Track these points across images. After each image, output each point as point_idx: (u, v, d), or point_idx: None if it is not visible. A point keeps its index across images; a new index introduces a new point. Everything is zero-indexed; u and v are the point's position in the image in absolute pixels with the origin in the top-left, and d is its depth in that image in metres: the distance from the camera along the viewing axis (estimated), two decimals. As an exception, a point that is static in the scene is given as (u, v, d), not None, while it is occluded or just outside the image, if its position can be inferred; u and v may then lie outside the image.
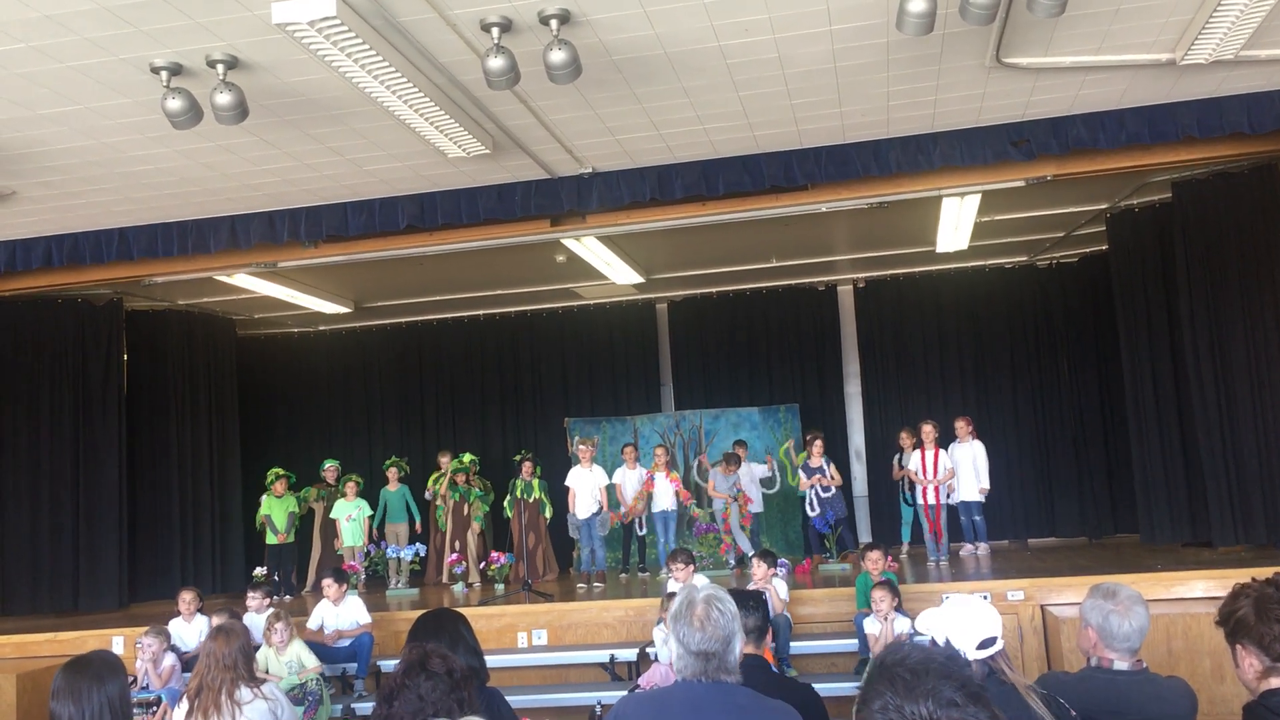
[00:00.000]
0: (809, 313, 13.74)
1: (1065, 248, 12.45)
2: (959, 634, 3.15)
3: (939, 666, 1.89)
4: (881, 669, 1.93)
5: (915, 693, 1.82)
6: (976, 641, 3.14)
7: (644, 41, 6.05)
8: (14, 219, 8.61)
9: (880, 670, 1.93)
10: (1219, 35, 6.30)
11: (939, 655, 1.96)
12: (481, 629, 4.93)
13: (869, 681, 1.93)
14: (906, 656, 1.93)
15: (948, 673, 1.87)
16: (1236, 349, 9.41)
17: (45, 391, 11.34)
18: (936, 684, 1.83)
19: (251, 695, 4.71)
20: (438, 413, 14.50)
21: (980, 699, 1.85)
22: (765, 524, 12.13)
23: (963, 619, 3.19)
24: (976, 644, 3.14)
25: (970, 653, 3.12)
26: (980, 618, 3.19)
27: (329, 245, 9.50)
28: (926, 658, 1.92)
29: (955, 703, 1.80)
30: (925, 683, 1.84)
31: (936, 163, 8.03)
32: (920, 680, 1.84)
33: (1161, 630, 7.28)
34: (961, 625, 3.17)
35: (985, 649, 3.15)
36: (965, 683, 1.86)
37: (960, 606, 3.25)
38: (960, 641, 3.14)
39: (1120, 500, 12.10)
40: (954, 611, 3.22)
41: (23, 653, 9.22)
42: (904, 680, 1.85)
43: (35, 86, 6.13)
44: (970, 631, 3.16)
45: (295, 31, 5.21)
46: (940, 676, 1.85)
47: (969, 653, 3.12)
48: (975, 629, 3.16)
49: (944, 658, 1.95)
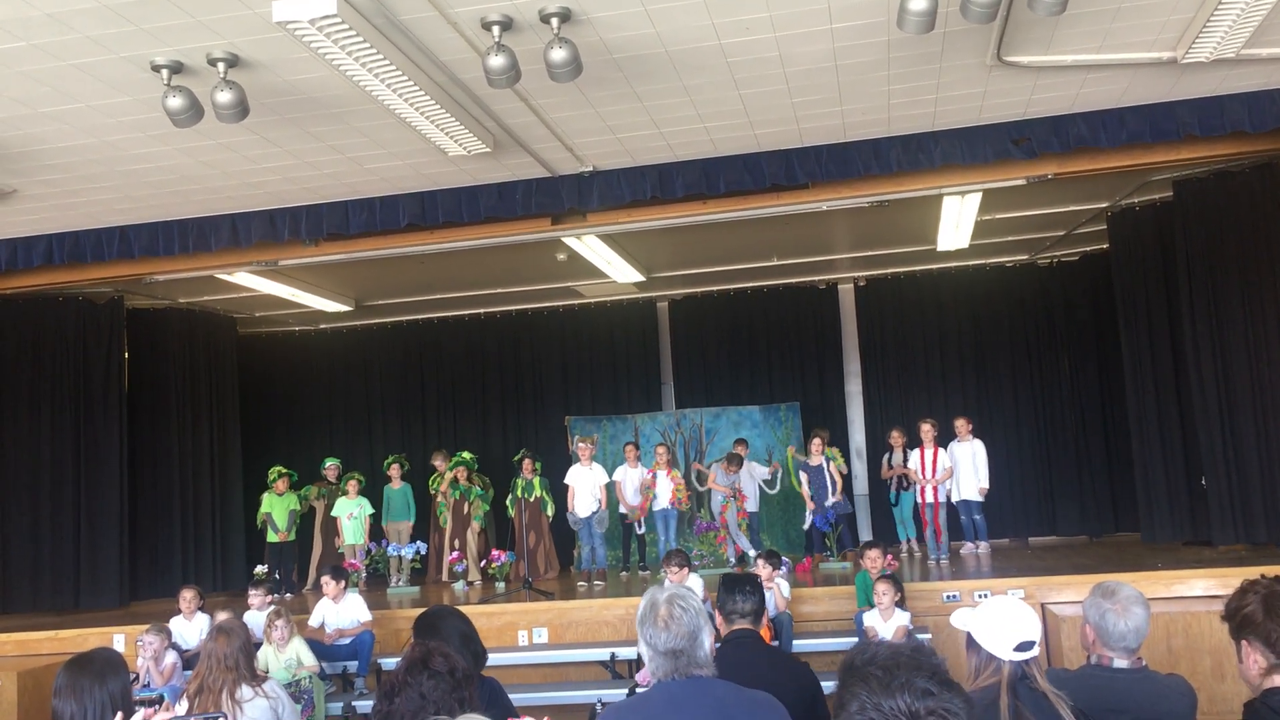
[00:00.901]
0: (810, 311, 13.74)
1: (1066, 246, 12.44)
2: (997, 635, 3.07)
3: (908, 659, 1.90)
4: (852, 670, 1.94)
5: (890, 688, 1.84)
6: (1015, 643, 3.05)
7: (645, 40, 6.05)
8: (15, 217, 8.61)
9: (852, 672, 1.94)
10: (1220, 34, 6.30)
11: (905, 649, 1.97)
12: (482, 627, 4.93)
13: (843, 685, 1.94)
14: (875, 655, 1.94)
15: (918, 664, 1.89)
16: (1237, 348, 9.41)
17: (46, 390, 11.35)
18: (909, 676, 1.84)
19: (252, 693, 4.73)
20: (439, 411, 14.50)
21: (953, 685, 1.87)
22: (766, 522, 12.14)
23: (1002, 620, 3.10)
24: (1014, 646, 3.04)
25: (1007, 654, 3.04)
26: (1020, 619, 3.09)
27: (330, 243, 9.49)
28: (894, 652, 1.94)
29: (930, 692, 1.82)
30: (898, 677, 1.85)
31: (937, 161, 8.03)
32: (893, 675, 1.86)
33: (1162, 628, 7.29)
34: (1001, 626, 3.09)
35: (1023, 652, 3.05)
36: (935, 671, 1.88)
37: (999, 606, 3.16)
38: (997, 643, 3.06)
39: (1121, 499, 12.10)
40: (993, 611, 3.14)
41: (24, 650, 9.23)
42: (877, 678, 1.86)
43: (36, 84, 6.13)
44: (1009, 633, 3.06)
45: (296, 29, 5.21)
46: (911, 669, 1.87)
47: (1005, 654, 3.04)
48: (1014, 631, 3.06)
49: (910, 650, 1.97)
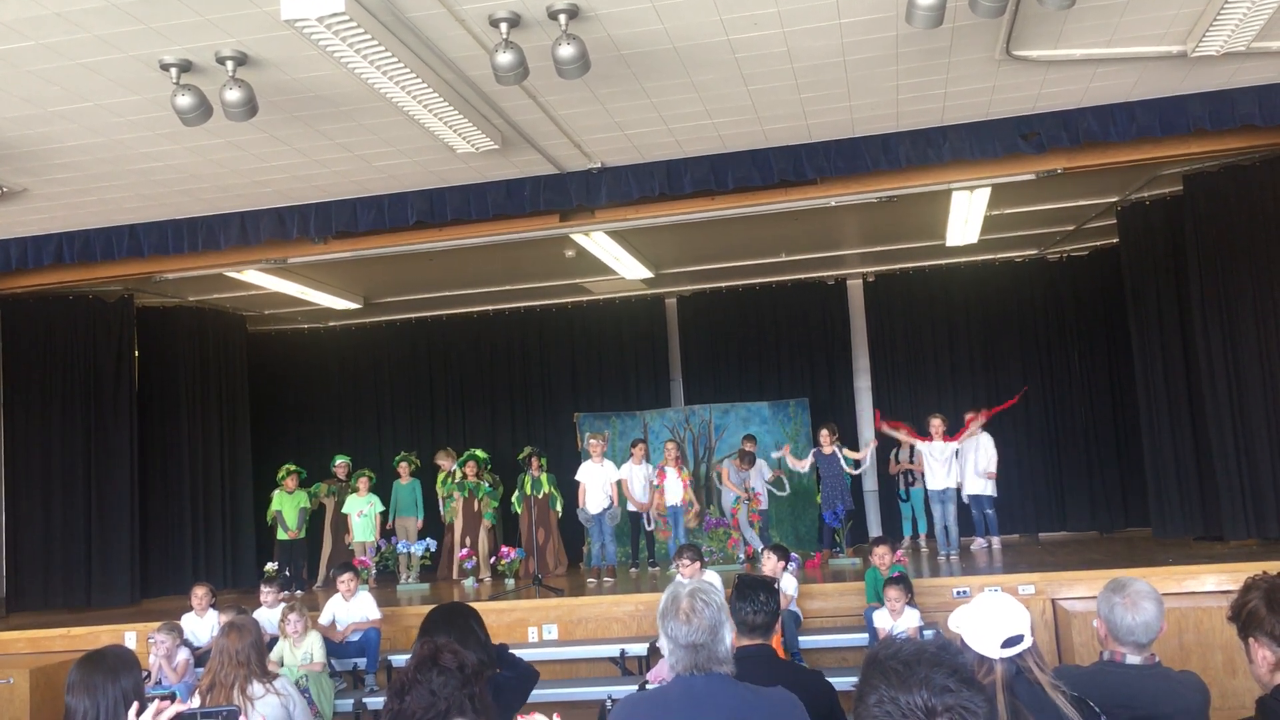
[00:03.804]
0: (818, 307, 13.72)
1: (1076, 241, 12.41)
2: (982, 634, 3.00)
3: (930, 656, 1.90)
4: (874, 664, 1.94)
5: (909, 683, 1.83)
6: (1000, 640, 2.97)
7: (652, 36, 6.04)
8: (25, 216, 8.64)
9: (873, 665, 1.94)
10: (1230, 27, 6.27)
11: (930, 645, 1.97)
12: (492, 624, 4.94)
13: (863, 678, 1.95)
14: (899, 650, 1.94)
15: (939, 661, 1.88)
16: (1248, 342, 9.37)
17: (57, 388, 11.40)
18: (929, 673, 1.84)
19: (264, 690, 4.74)
20: (447, 408, 14.53)
21: (974, 683, 1.86)
22: (775, 518, 12.14)
23: (984, 617, 3.02)
24: (1000, 643, 2.97)
25: (995, 652, 2.96)
26: (1003, 615, 3.00)
27: (339, 241, 9.50)
28: (918, 649, 1.93)
29: (949, 688, 1.82)
30: (918, 672, 1.85)
31: (946, 156, 8.01)
32: (913, 670, 1.85)
33: (1173, 624, 7.27)
34: (984, 624, 3.01)
35: (1011, 647, 2.97)
36: (958, 669, 1.87)
37: (981, 604, 3.07)
38: (983, 642, 2.99)
39: (1131, 494, 12.08)
40: (975, 610, 3.06)
41: (36, 648, 9.28)
42: (897, 672, 1.87)
43: (46, 84, 6.15)
44: (992, 630, 2.99)
45: (304, 28, 5.21)
46: (932, 665, 1.86)
47: (993, 652, 2.96)
48: (998, 627, 2.99)
49: (935, 647, 1.96)
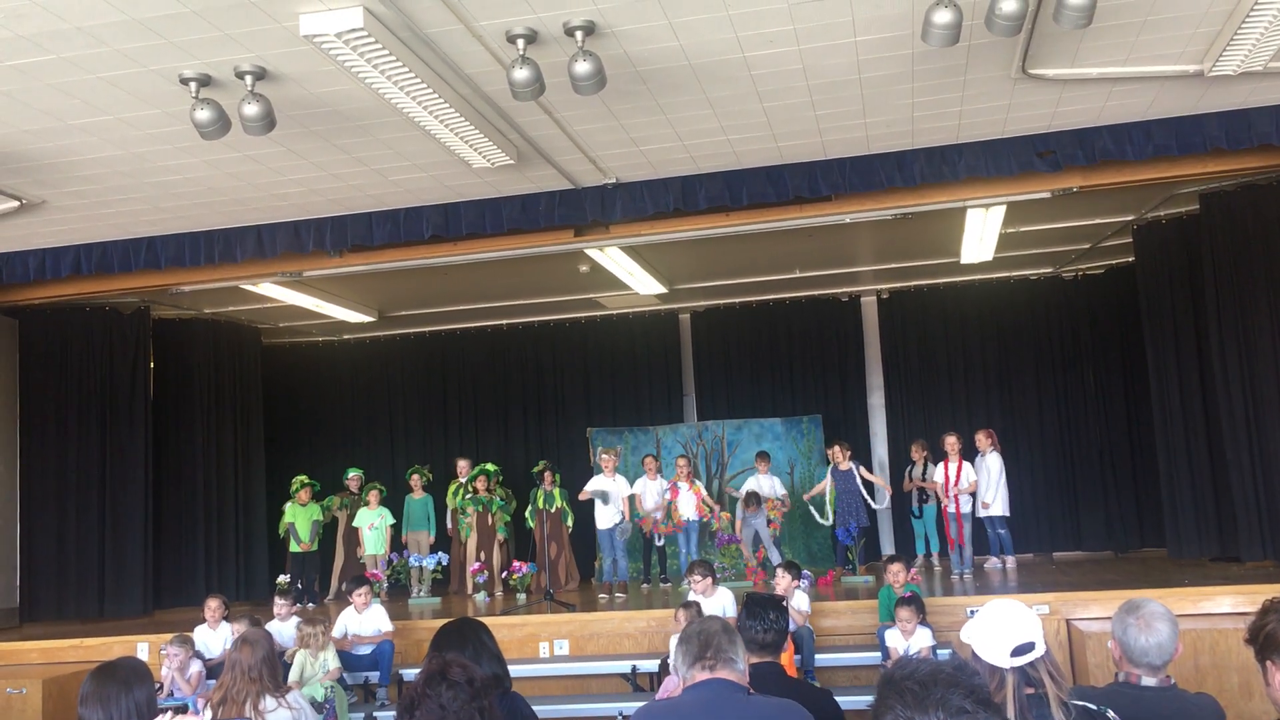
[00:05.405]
0: (832, 324, 13.70)
1: (1091, 259, 12.37)
2: (992, 642, 2.91)
3: (947, 676, 1.89)
4: (890, 683, 1.93)
5: (925, 703, 1.83)
6: (1010, 648, 2.88)
7: (668, 53, 6.06)
8: (44, 228, 8.71)
9: (889, 684, 1.93)
10: (1247, 47, 6.26)
11: (947, 666, 1.95)
12: (503, 639, 4.93)
13: (879, 698, 1.94)
14: (915, 670, 1.93)
15: (955, 681, 1.87)
16: (1265, 362, 9.31)
17: (72, 399, 11.46)
18: (945, 693, 1.83)
19: (275, 704, 4.74)
20: (460, 422, 14.53)
21: (990, 704, 1.85)
22: (788, 535, 12.09)
23: (994, 625, 2.94)
24: (1010, 650, 2.88)
25: (1005, 661, 2.88)
26: (1011, 623, 2.91)
27: (354, 255, 9.54)
28: (935, 669, 1.92)
29: (965, 710, 1.81)
30: (934, 693, 1.84)
31: (961, 174, 8.01)
32: (929, 691, 1.85)
33: (1189, 646, 7.20)
34: (994, 632, 2.91)
35: (1021, 655, 2.87)
36: (974, 690, 1.86)
37: (991, 611, 2.99)
38: (993, 651, 2.90)
39: (1147, 514, 12.00)
40: (985, 618, 2.97)
41: (49, 659, 9.29)
42: (913, 692, 1.86)
43: (66, 97, 6.20)
44: (1001, 639, 2.90)
45: (323, 43, 5.26)
46: (949, 685, 1.85)
47: (1003, 662, 2.88)
48: (1006, 636, 2.88)
49: (952, 668, 1.95)
